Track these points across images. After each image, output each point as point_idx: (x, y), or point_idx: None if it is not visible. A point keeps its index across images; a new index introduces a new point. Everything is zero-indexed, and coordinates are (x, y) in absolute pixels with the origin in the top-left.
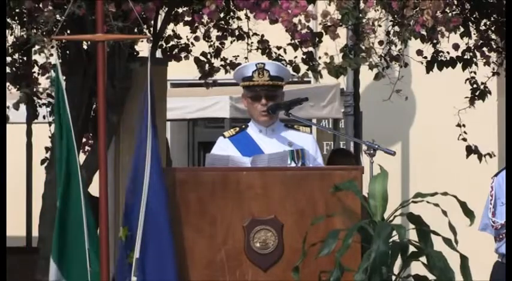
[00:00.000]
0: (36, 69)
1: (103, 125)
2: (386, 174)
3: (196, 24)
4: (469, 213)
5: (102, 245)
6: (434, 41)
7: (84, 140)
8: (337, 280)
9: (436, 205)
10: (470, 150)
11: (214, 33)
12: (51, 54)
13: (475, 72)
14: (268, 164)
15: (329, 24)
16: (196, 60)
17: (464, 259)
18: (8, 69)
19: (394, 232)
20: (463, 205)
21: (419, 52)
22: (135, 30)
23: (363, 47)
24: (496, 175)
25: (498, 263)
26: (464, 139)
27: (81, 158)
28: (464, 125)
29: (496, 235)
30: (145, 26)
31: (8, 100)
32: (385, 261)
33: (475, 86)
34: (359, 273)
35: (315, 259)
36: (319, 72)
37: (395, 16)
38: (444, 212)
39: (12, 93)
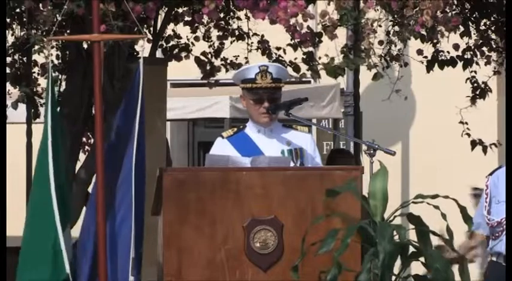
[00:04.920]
0: (36, 69)
1: (100, 125)
2: (386, 171)
3: (196, 24)
4: (467, 219)
5: (100, 245)
6: (435, 41)
7: (84, 139)
8: (334, 278)
9: (436, 207)
10: (475, 143)
11: (214, 33)
12: (51, 54)
13: (475, 72)
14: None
15: (328, 24)
16: (197, 60)
17: (462, 260)
18: (8, 70)
19: (394, 232)
20: (463, 211)
21: (420, 52)
22: (135, 29)
23: (362, 47)
24: (490, 174)
25: (492, 263)
26: (468, 134)
27: (81, 157)
28: (466, 123)
29: (490, 234)
30: (145, 26)
31: (7, 100)
32: (393, 261)
33: (475, 85)
34: (363, 273)
35: (314, 256)
36: (317, 72)
37: (395, 16)
38: (443, 216)
39: (12, 95)
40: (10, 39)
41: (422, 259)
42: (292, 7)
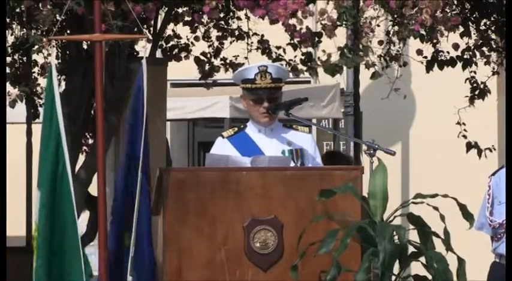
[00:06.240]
0: (36, 69)
1: (101, 125)
2: (385, 168)
3: (196, 24)
4: (468, 216)
5: (100, 245)
6: (434, 41)
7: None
8: (334, 278)
9: (436, 208)
10: (470, 145)
11: (214, 33)
12: (49, 54)
13: (475, 72)
14: (269, 166)
15: (327, 23)
16: (197, 59)
17: (461, 262)
18: (8, 70)
19: (394, 233)
20: (463, 208)
21: (419, 52)
22: (135, 29)
23: (361, 46)
24: (493, 174)
25: (495, 264)
26: (465, 136)
27: (81, 158)
28: (464, 124)
29: (493, 235)
30: (145, 26)
31: (7, 100)
32: (393, 261)
33: (474, 85)
34: (360, 273)
35: (314, 256)
36: (315, 70)
37: (395, 15)
38: (442, 218)
39: (11, 95)
40: (10, 39)
41: (422, 259)
42: (292, 4)
